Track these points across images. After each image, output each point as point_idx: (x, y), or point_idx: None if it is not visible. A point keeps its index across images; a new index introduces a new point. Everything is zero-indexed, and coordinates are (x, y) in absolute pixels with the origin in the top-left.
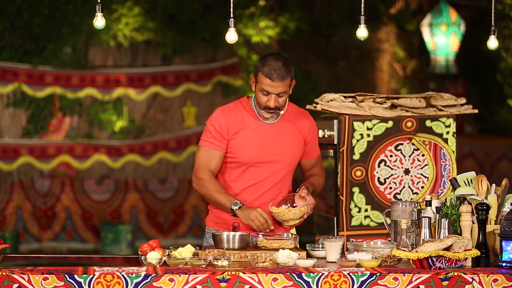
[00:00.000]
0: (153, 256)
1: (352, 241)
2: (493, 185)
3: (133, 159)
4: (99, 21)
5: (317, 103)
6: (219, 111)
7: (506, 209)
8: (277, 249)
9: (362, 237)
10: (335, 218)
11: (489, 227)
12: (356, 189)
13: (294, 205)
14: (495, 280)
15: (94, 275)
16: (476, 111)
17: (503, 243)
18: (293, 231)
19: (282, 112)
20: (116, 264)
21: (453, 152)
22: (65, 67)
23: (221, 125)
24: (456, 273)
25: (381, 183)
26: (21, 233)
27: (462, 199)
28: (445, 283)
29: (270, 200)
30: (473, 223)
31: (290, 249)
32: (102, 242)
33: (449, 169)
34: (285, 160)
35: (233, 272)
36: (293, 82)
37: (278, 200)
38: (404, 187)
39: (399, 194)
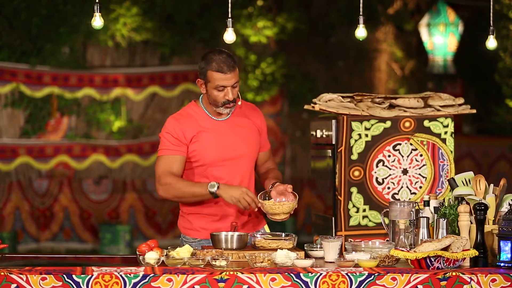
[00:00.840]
0: (151, 256)
1: (350, 241)
2: (491, 185)
3: (131, 159)
4: (97, 21)
5: (315, 103)
6: (171, 119)
7: (504, 209)
8: (275, 249)
9: (360, 237)
10: (333, 218)
11: (487, 227)
12: (354, 189)
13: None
14: (493, 280)
15: (92, 275)
16: (474, 111)
17: (501, 243)
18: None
19: (239, 103)
20: (114, 264)
21: (451, 152)
22: (63, 67)
23: (177, 132)
24: (454, 273)
25: (379, 183)
26: (19, 233)
27: (460, 199)
28: (443, 283)
29: None
30: (471, 223)
31: (288, 249)
32: (100, 242)
33: (447, 169)
34: (247, 153)
35: (231, 272)
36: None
37: (261, 194)
38: (402, 187)
39: (397, 194)
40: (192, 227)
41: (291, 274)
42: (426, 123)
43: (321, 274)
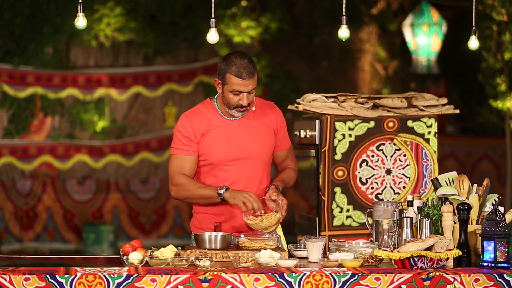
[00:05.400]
0: (135, 257)
1: (334, 241)
2: (475, 185)
3: (115, 159)
4: (80, 21)
5: (299, 103)
6: (183, 116)
7: (487, 209)
8: (259, 249)
9: (344, 237)
10: (317, 218)
11: (471, 227)
12: (338, 189)
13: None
14: (477, 280)
15: (75, 276)
16: (457, 111)
17: (485, 243)
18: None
19: (253, 108)
20: (98, 264)
21: (435, 152)
22: (46, 67)
23: (187, 130)
24: (437, 273)
25: (362, 183)
26: (3, 233)
27: (443, 199)
28: (427, 283)
29: None
30: (455, 223)
31: (272, 249)
32: (83, 243)
33: (431, 169)
34: (257, 154)
35: (215, 272)
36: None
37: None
38: (385, 187)
39: (381, 194)
40: (201, 226)
41: (275, 274)
42: (409, 123)
43: (304, 274)
